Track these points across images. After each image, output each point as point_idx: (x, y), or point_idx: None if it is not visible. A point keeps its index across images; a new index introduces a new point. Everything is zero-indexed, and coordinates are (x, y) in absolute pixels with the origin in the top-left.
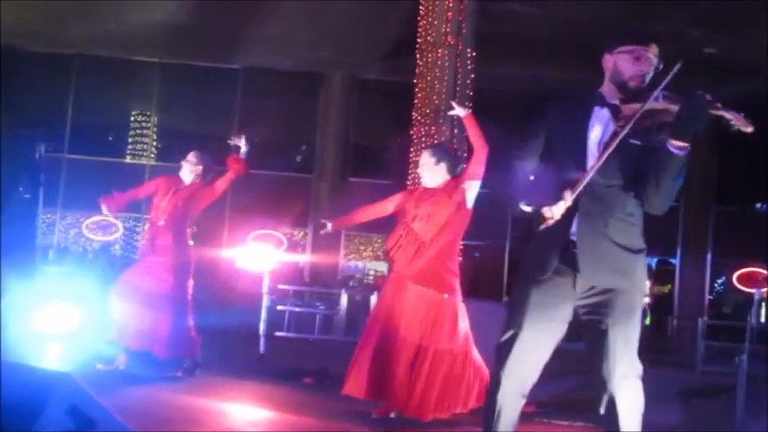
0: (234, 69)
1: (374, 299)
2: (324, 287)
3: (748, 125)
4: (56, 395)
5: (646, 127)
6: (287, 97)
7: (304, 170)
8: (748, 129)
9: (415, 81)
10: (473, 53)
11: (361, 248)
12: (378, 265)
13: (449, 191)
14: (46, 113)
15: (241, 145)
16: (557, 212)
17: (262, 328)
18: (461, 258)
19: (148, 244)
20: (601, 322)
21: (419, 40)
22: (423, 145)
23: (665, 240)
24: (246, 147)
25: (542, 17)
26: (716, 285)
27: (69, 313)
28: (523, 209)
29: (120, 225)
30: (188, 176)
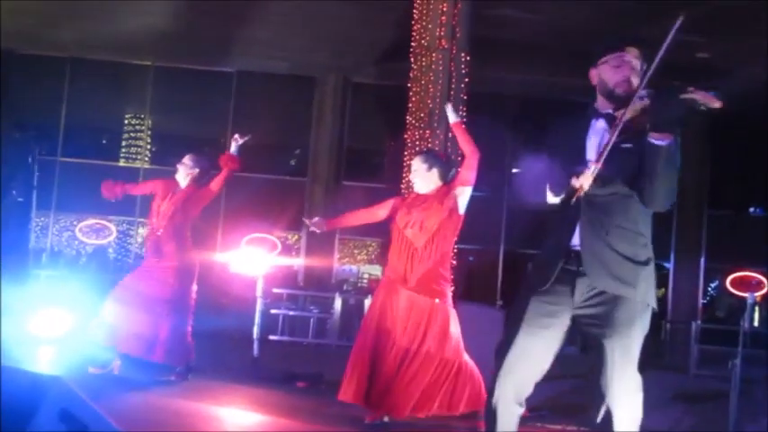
0: (228, 72)
1: (368, 302)
2: (318, 291)
3: (715, 101)
4: (47, 399)
5: (640, 129)
6: (281, 100)
7: (298, 174)
8: (716, 104)
9: (410, 85)
10: (467, 57)
11: (355, 252)
12: (372, 269)
13: (440, 197)
14: (39, 116)
15: (233, 142)
16: (585, 182)
17: (256, 332)
18: (455, 262)
19: (152, 249)
20: (600, 334)
21: (413, 44)
22: (417, 149)
23: (659, 244)
24: (237, 142)
25: (536, 22)
26: (709, 289)
27: (62, 317)
28: (551, 201)
29: (113, 228)
30: (184, 179)
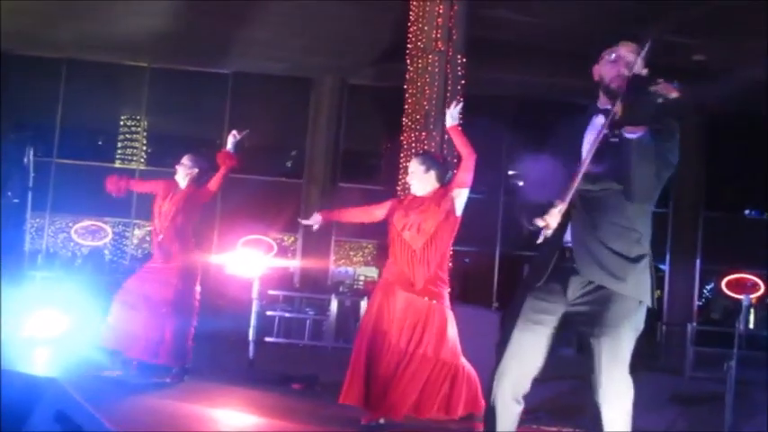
0: (224, 74)
1: (364, 304)
2: (314, 292)
3: (673, 91)
4: (43, 400)
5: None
6: (277, 102)
7: (294, 175)
8: (672, 94)
9: (406, 87)
10: (463, 59)
11: (351, 254)
12: (368, 271)
13: (437, 199)
14: (35, 117)
15: (231, 137)
16: (551, 221)
17: (251, 334)
18: (451, 264)
19: (156, 250)
20: (590, 333)
21: (409, 46)
22: (413, 150)
23: (654, 246)
24: (235, 139)
25: (532, 23)
26: (705, 291)
27: (57, 318)
28: (530, 227)
29: (109, 230)
30: (183, 180)
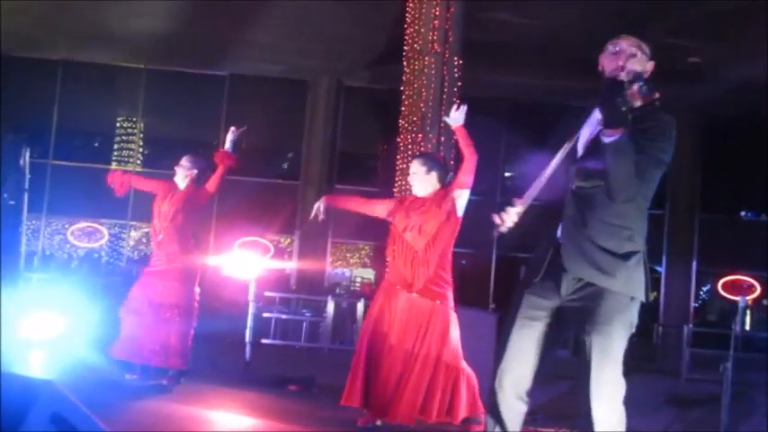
0: (220, 76)
1: (361, 306)
2: (310, 294)
3: (637, 98)
4: (39, 402)
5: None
6: (273, 104)
7: (290, 177)
8: (636, 102)
9: (402, 88)
10: (460, 61)
11: (347, 255)
12: (364, 273)
13: (438, 200)
14: (31, 119)
15: (230, 134)
16: (506, 220)
17: (248, 336)
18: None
19: (155, 251)
20: (582, 330)
21: (406, 48)
22: (409, 152)
23: (650, 247)
24: (234, 136)
25: (528, 26)
26: (701, 293)
27: (53, 320)
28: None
29: (105, 231)
30: (182, 181)
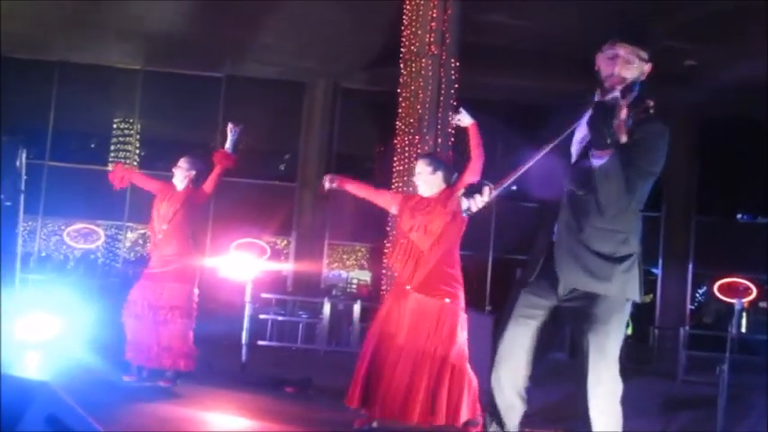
0: (217, 77)
1: (357, 308)
2: (307, 296)
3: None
4: (34, 404)
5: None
6: (270, 106)
7: (287, 178)
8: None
9: (399, 90)
10: (457, 63)
11: (344, 257)
12: (361, 274)
13: (443, 200)
14: (27, 120)
15: (229, 133)
16: (472, 205)
17: (244, 337)
18: None
19: (154, 252)
20: (578, 329)
21: (403, 50)
22: (406, 154)
23: (647, 250)
24: (233, 136)
25: (525, 28)
26: (697, 295)
27: (49, 321)
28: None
29: (101, 233)
30: (181, 183)
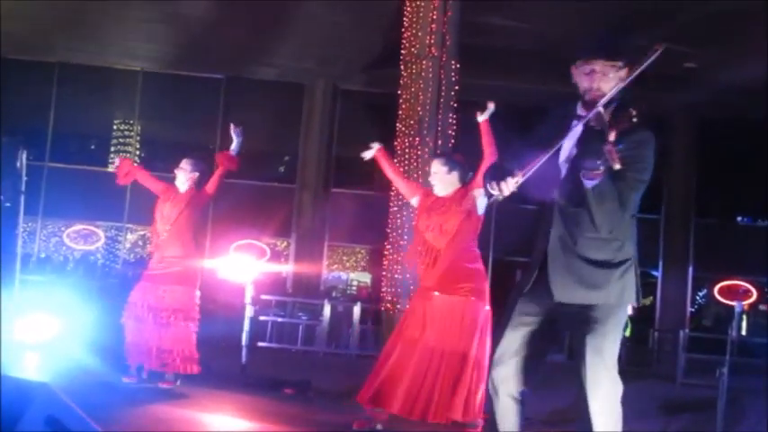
0: (217, 79)
1: (357, 310)
2: (307, 297)
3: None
4: (34, 405)
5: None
6: (270, 107)
7: (287, 180)
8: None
9: (400, 92)
10: (457, 65)
11: (344, 259)
12: (361, 276)
13: (458, 199)
14: (27, 121)
15: (233, 136)
16: (504, 189)
17: (244, 339)
18: None
19: (156, 253)
20: (574, 334)
21: (403, 52)
22: (407, 156)
23: (647, 253)
24: (239, 138)
25: (525, 31)
26: (697, 298)
27: (49, 323)
28: (490, 191)
29: (101, 234)
30: (184, 184)
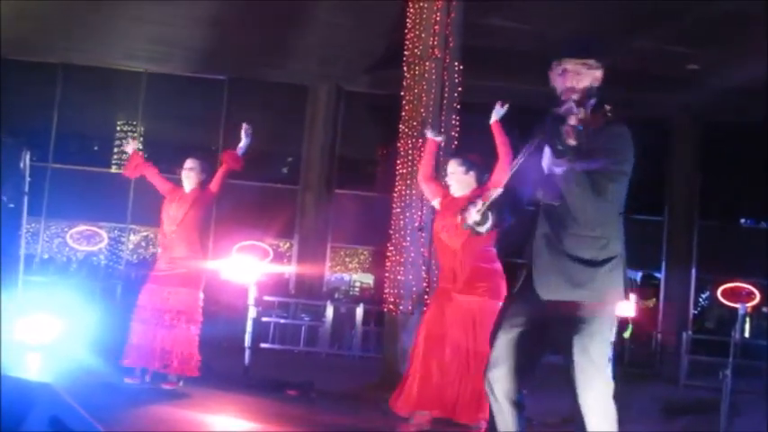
0: (220, 80)
1: (360, 311)
2: (309, 299)
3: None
4: (37, 405)
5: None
6: (273, 108)
7: (290, 181)
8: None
9: (403, 93)
10: (460, 66)
11: (346, 260)
12: (363, 277)
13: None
14: (30, 122)
15: (243, 136)
16: (468, 218)
17: (247, 340)
18: None
19: (163, 254)
20: (563, 335)
21: (406, 53)
22: (409, 157)
23: (650, 254)
24: (248, 139)
25: (529, 32)
26: (700, 300)
27: (52, 323)
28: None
29: (104, 235)
30: (189, 184)
